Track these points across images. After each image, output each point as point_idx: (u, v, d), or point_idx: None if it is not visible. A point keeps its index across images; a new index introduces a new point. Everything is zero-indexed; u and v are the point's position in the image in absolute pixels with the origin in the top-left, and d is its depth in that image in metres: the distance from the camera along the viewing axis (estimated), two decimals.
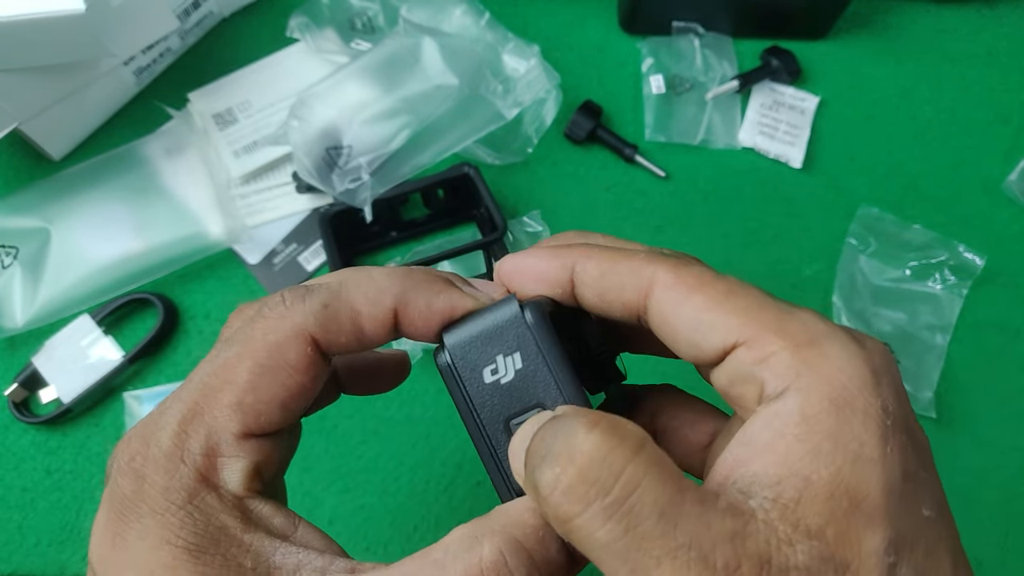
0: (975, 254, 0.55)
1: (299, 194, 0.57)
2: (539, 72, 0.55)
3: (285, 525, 0.22)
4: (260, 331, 0.22)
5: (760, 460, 0.19)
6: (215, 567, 0.20)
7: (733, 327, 0.20)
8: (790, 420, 0.19)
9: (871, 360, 0.20)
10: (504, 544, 0.20)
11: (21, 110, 0.52)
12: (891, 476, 0.18)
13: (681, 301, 0.21)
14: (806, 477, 0.18)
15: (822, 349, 0.19)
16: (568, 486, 0.18)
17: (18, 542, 0.49)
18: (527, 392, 0.23)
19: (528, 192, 0.58)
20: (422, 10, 0.58)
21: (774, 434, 0.19)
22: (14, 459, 0.51)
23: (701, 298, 0.21)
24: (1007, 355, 0.54)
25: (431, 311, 0.23)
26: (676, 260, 0.22)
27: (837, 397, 0.19)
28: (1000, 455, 0.52)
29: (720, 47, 0.62)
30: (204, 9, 0.60)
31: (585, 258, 0.23)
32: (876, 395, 0.19)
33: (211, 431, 0.22)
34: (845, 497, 0.18)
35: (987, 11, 0.65)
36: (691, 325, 0.21)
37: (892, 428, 0.19)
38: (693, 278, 0.22)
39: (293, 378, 0.22)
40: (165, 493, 0.21)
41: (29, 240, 0.53)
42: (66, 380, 0.51)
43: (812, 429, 0.19)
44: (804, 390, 0.19)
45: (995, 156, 0.60)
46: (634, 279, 0.22)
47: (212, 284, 0.55)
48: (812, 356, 0.19)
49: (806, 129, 0.60)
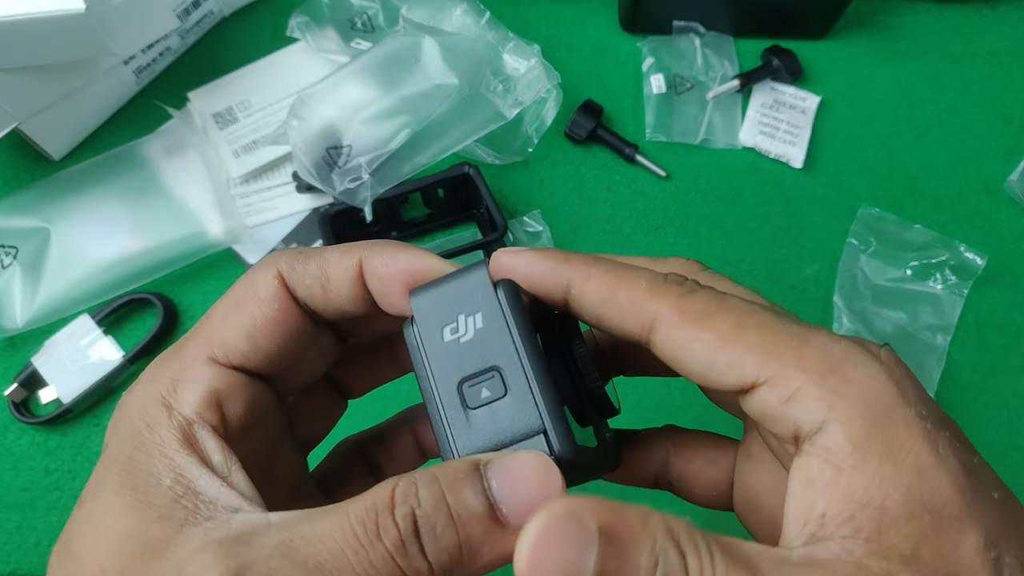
0: (976, 254, 0.55)
1: (299, 194, 0.57)
2: (539, 71, 0.55)
3: (222, 463, 0.22)
4: (242, 278, 0.24)
5: (825, 500, 0.19)
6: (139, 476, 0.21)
7: (750, 365, 0.20)
8: (842, 452, 0.19)
9: (891, 372, 0.20)
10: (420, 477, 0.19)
11: (21, 110, 0.52)
12: (955, 474, 0.18)
13: (690, 340, 0.21)
14: (879, 505, 0.18)
15: (845, 374, 0.19)
16: None
17: (17, 542, 0.49)
18: (484, 354, 0.22)
19: (528, 192, 0.58)
20: (422, 9, 0.58)
21: (832, 470, 0.19)
22: (13, 459, 0.51)
23: (710, 336, 0.21)
24: (1008, 355, 0.54)
25: (394, 263, 0.24)
26: (679, 291, 0.22)
27: (875, 418, 0.19)
28: (1001, 455, 0.52)
29: (721, 46, 0.62)
30: (204, 8, 0.60)
31: (583, 280, 0.22)
32: (907, 404, 0.19)
33: (182, 358, 0.23)
34: (925, 512, 0.18)
35: (988, 11, 0.65)
36: (704, 364, 0.21)
37: (933, 429, 0.19)
38: (698, 312, 0.21)
39: (259, 308, 0.23)
40: (128, 412, 0.22)
41: (29, 240, 0.53)
42: (66, 380, 0.51)
43: (867, 455, 0.19)
44: (843, 419, 0.19)
45: (996, 156, 0.60)
46: (635, 313, 0.22)
47: (212, 284, 0.55)
48: (838, 384, 0.19)
49: (807, 129, 0.60)
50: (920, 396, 0.20)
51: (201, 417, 0.22)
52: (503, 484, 0.19)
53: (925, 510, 0.18)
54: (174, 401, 0.22)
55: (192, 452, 0.21)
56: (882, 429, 0.19)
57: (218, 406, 0.23)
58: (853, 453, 0.19)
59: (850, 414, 0.19)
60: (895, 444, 0.19)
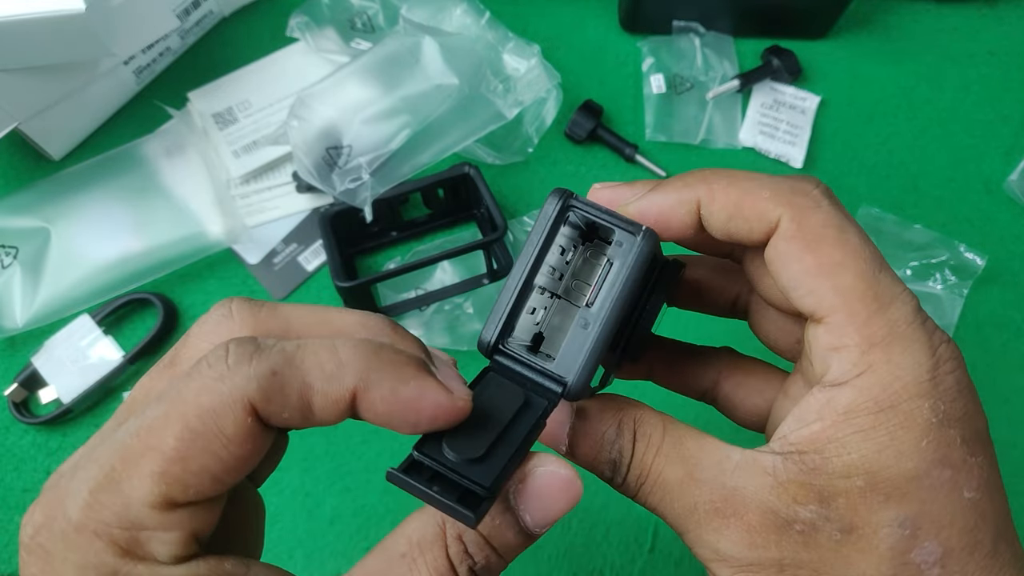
0: (976, 254, 0.55)
1: (299, 194, 0.57)
2: (539, 71, 0.55)
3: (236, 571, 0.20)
4: (194, 391, 0.19)
5: (798, 433, 0.22)
6: None
7: (826, 304, 0.22)
8: (834, 410, 0.22)
9: (935, 365, 0.22)
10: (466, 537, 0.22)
11: (21, 110, 0.52)
12: (920, 464, 0.21)
13: (794, 257, 0.23)
14: (828, 456, 0.22)
15: (890, 352, 0.22)
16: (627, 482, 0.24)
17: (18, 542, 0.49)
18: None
19: (528, 192, 0.58)
20: (422, 9, 0.58)
21: (817, 416, 0.22)
22: (14, 459, 0.51)
23: (812, 260, 0.22)
24: (1008, 354, 0.54)
25: (395, 399, 0.20)
26: (804, 203, 0.23)
27: (884, 400, 0.21)
28: (1000, 454, 0.51)
29: (721, 46, 0.62)
30: (204, 8, 0.60)
31: (709, 199, 0.24)
32: (927, 397, 0.21)
33: (128, 502, 0.19)
34: (861, 477, 0.21)
35: (987, 10, 0.65)
36: (792, 283, 0.23)
37: (939, 424, 0.21)
38: (814, 232, 0.23)
39: (228, 449, 0.19)
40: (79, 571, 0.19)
41: (29, 240, 0.53)
42: (66, 380, 0.51)
43: (850, 422, 0.22)
44: (858, 388, 0.22)
45: (996, 156, 0.60)
46: (760, 223, 0.23)
47: (212, 284, 0.55)
48: (878, 359, 0.22)
49: (807, 129, 0.60)
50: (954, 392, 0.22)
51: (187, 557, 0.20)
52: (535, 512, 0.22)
53: (862, 477, 0.21)
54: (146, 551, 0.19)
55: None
56: (881, 412, 0.21)
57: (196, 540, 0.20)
58: (840, 415, 0.22)
59: (865, 387, 0.21)
60: (881, 425, 0.21)
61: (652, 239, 0.24)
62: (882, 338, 0.22)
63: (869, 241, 0.23)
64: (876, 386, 0.21)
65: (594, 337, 0.23)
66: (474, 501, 0.20)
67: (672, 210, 0.24)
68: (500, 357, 0.24)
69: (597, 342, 0.23)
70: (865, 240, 0.23)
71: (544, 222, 0.24)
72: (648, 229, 0.24)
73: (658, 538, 0.49)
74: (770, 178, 0.24)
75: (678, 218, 0.24)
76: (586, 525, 0.49)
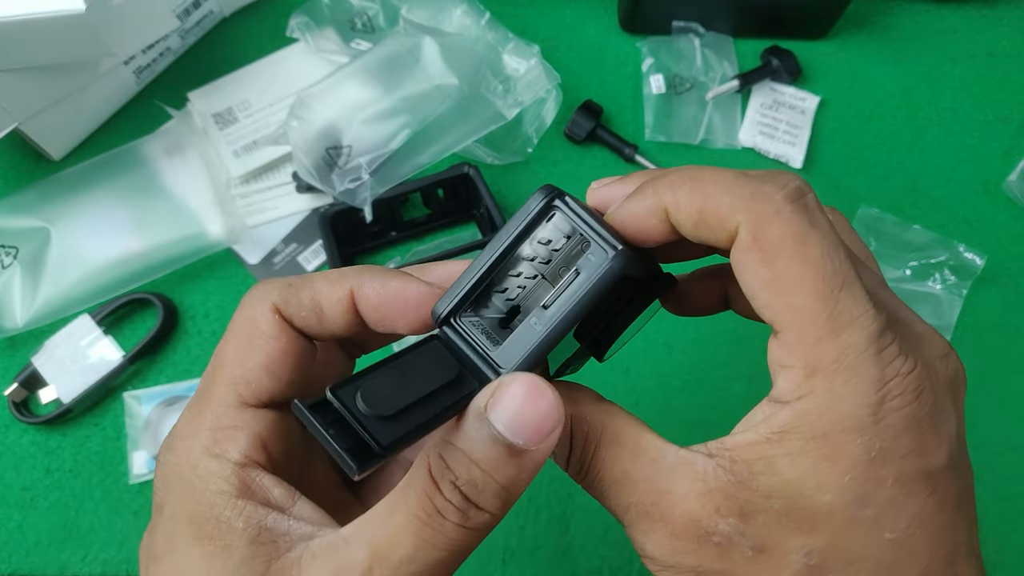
0: (975, 254, 0.55)
1: (299, 194, 0.57)
2: (539, 72, 0.55)
3: (284, 497, 0.23)
4: (238, 314, 0.25)
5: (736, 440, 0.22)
6: (210, 527, 0.22)
7: (779, 320, 0.22)
8: (771, 427, 0.22)
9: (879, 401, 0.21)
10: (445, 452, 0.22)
11: (21, 110, 0.52)
12: (837, 499, 0.21)
13: (750, 268, 0.22)
14: (755, 473, 0.22)
15: (833, 381, 0.21)
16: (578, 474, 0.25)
17: (18, 541, 0.49)
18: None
19: (528, 192, 0.57)
20: (422, 10, 0.58)
21: (755, 428, 0.22)
22: (14, 459, 0.51)
23: (768, 274, 0.21)
24: (1007, 355, 0.54)
25: (384, 291, 0.25)
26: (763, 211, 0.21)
27: (818, 428, 0.21)
28: (999, 455, 0.52)
29: (720, 47, 0.62)
30: (204, 9, 0.60)
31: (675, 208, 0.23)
32: (862, 432, 0.21)
33: (215, 407, 0.24)
34: (780, 501, 0.21)
35: (987, 11, 0.65)
36: (750, 293, 0.22)
37: (869, 462, 0.21)
38: (772, 243, 0.21)
39: (270, 344, 0.24)
40: (176, 468, 0.23)
41: (29, 240, 0.53)
42: (66, 380, 0.51)
43: (782, 443, 0.21)
44: (796, 411, 0.21)
45: (995, 156, 0.60)
46: (721, 232, 0.22)
47: (212, 284, 0.55)
48: (819, 386, 0.21)
49: (806, 129, 0.60)
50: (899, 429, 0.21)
51: (251, 460, 0.23)
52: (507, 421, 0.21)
53: (781, 501, 0.21)
54: (221, 451, 0.23)
55: (253, 494, 0.23)
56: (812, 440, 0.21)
57: (263, 447, 0.24)
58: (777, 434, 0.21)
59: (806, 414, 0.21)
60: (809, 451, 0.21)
61: (623, 260, 0.23)
62: (828, 364, 0.21)
63: (836, 252, 0.22)
64: (812, 412, 0.21)
65: (539, 339, 0.23)
66: (364, 455, 0.20)
67: (645, 220, 0.23)
68: (448, 330, 0.24)
69: (541, 344, 0.23)
70: (829, 252, 0.21)
71: (522, 216, 0.24)
72: (623, 250, 0.23)
73: None
74: (735, 179, 0.22)
75: (652, 227, 0.24)
76: (585, 525, 0.49)
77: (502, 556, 0.48)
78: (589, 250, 0.23)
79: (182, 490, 0.23)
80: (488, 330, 0.24)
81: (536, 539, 0.49)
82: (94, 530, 0.49)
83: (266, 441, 0.24)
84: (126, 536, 0.49)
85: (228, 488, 0.23)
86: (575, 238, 0.25)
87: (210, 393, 0.24)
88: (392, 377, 0.22)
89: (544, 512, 0.49)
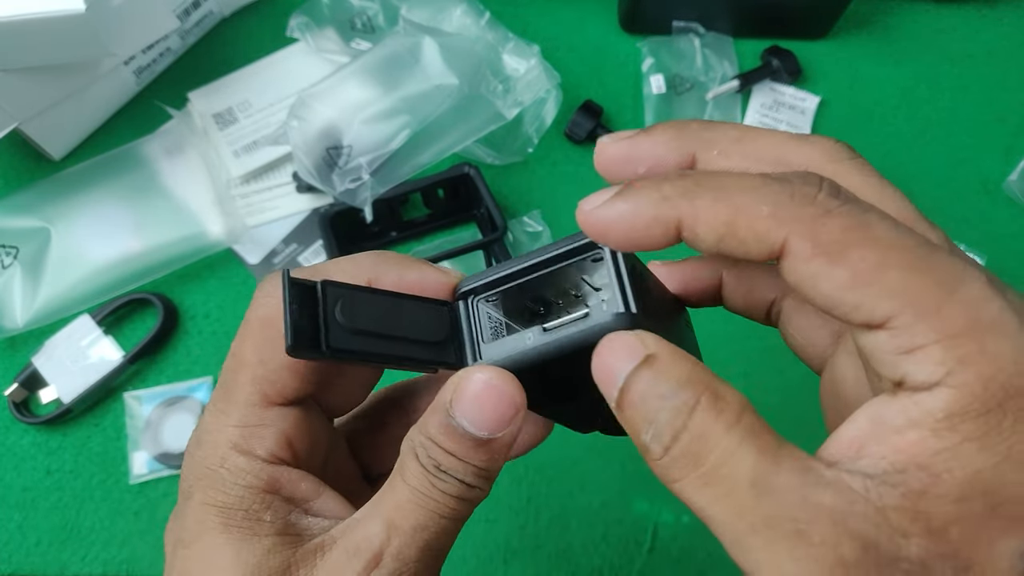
0: (975, 254, 0.55)
1: (299, 194, 0.57)
2: (539, 72, 0.55)
3: (309, 491, 0.24)
4: (253, 312, 0.25)
5: (887, 445, 0.18)
6: (238, 517, 0.23)
7: (880, 311, 0.18)
8: (933, 414, 0.18)
9: None
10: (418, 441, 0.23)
11: (21, 110, 0.52)
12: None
13: (822, 277, 0.18)
14: (937, 474, 0.17)
15: (982, 343, 0.17)
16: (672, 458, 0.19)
17: (19, 542, 0.49)
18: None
19: (528, 192, 0.58)
20: (422, 10, 0.58)
21: (909, 423, 0.18)
22: (14, 459, 0.51)
23: (845, 275, 0.18)
24: None
25: (402, 282, 0.25)
26: (812, 214, 0.19)
27: (990, 398, 0.17)
28: None
29: (720, 47, 0.62)
30: (204, 9, 0.60)
31: (692, 221, 0.20)
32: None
33: (241, 405, 0.24)
34: (980, 500, 0.17)
35: (987, 11, 0.65)
36: (830, 301, 0.19)
37: None
38: (834, 242, 0.18)
39: None
40: (204, 461, 0.24)
41: (29, 240, 0.53)
42: (66, 380, 0.51)
43: (955, 428, 0.17)
44: (956, 388, 0.17)
45: (995, 156, 0.60)
46: (760, 245, 0.19)
47: (212, 284, 0.55)
48: (969, 352, 0.17)
49: (806, 129, 0.60)
50: None
51: (277, 457, 0.24)
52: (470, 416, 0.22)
53: (982, 499, 0.17)
54: (249, 447, 0.24)
55: (281, 488, 0.24)
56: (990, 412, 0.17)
57: (288, 444, 0.24)
58: (943, 420, 0.18)
59: (966, 386, 0.17)
60: (994, 430, 0.17)
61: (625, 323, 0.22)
62: (964, 326, 0.18)
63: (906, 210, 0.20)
64: (976, 383, 0.17)
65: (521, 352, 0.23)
66: (308, 343, 0.21)
67: (645, 229, 0.20)
68: (461, 305, 0.25)
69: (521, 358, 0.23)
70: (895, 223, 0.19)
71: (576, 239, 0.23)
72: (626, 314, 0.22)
73: (657, 538, 0.49)
74: (765, 184, 0.19)
75: (651, 237, 0.20)
76: (585, 525, 0.49)
77: (503, 555, 0.48)
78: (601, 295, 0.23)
79: (211, 482, 0.24)
80: (496, 327, 0.24)
81: (537, 538, 0.49)
82: (94, 530, 0.49)
83: (291, 438, 0.24)
84: (126, 536, 0.49)
85: (256, 483, 0.23)
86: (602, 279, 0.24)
87: (235, 391, 0.24)
88: (383, 304, 0.23)
89: (545, 512, 0.50)
